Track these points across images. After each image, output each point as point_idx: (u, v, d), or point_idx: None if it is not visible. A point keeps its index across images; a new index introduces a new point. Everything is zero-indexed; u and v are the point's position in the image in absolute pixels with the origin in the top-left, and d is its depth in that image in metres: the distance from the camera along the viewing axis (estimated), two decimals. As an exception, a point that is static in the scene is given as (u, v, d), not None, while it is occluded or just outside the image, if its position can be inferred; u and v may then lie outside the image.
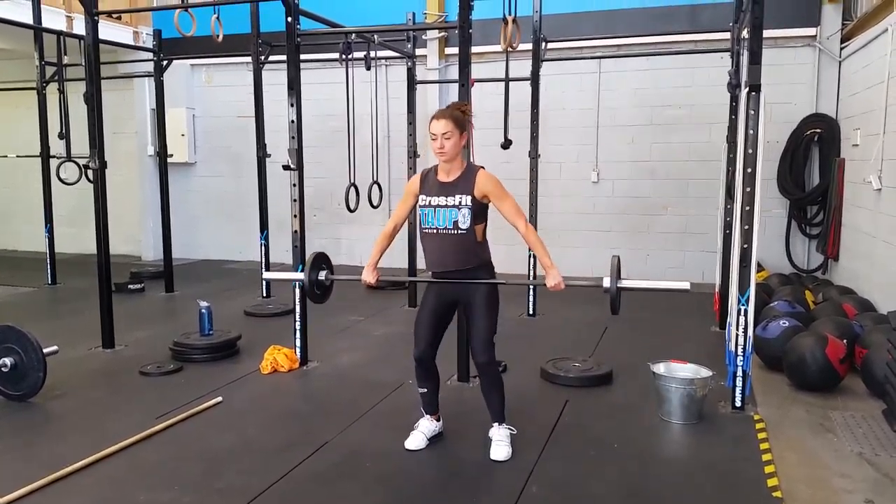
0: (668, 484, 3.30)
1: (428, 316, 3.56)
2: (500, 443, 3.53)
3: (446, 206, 3.38)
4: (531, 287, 6.64)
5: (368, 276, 3.62)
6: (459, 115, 3.43)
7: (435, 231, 3.42)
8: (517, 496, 3.12)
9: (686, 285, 3.44)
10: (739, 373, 4.05)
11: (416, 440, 3.64)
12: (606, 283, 3.39)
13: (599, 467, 3.44)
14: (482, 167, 3.47)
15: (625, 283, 3.40)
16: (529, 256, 6.57)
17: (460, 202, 3.36)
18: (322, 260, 3.83)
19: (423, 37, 8.68)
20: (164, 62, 7.77)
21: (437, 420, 3.75)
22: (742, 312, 4.04)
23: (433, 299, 3.57)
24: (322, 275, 3.80)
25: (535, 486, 3.22)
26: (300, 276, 3.81)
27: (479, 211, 3.41)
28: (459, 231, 3.38)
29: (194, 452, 3.60)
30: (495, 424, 3.60)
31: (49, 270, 8.35)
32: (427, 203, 3.43)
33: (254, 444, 3.72)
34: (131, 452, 3.59)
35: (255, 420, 4.07)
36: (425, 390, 3.66)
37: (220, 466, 3.44)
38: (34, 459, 3.50)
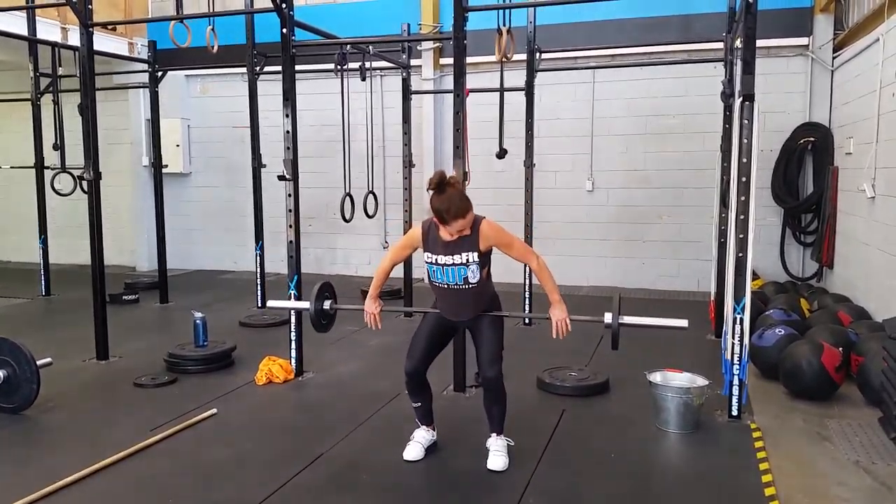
0: (664, 494, 3.29)
1: (427, 335, 3.59)
2: (497, 453, 3.52)
3: (453, 264, 3.37)
4: (527, 297, 6.62)
5: (371, 307, 3.64)
6: (467, 201, 3.27)
7: (446, 286, 3.44)
8: (514, 507, 3.11)
9: (684, 323, 3.51)
10: (736, 381, 4.05)
11: (414, 451, 3.62)
12: (608, 318, 3.44)
13: (596, 477, 3.43)
14: (483, 218, 3.39)
15: (625, 320, 3.44)
16: (525, 266, 6.55)
17: (467, 260, 3.36)
18: (326, 289, 3.89)
19: (418, 47, 8.71)
20: (160, 73, 7.77)
21: (433, 431, 3.74)
22: (738, 321, 4.04)
23: (435, 323, 3.60)
24: (327, 304, 3.86)
25: (533, 498, 3.20)
26: (306, 305, 3.85)
27: (485, 260, 3.43)
28: (470, 285, 3.40)
29: (189, 465, 3.58)
30: (493, 434, 3.60)
31: (43, 281, 8.31)
32: (433, 261, 3.41)
33: (249, 456, 3.69)
34: (125, 465, 3.56)
35: (251, 432, 4.04)
36: (419, 404, 3.67)
37: (214, 479, 3.41)
38: (27, 472, 3.47)
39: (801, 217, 7.92)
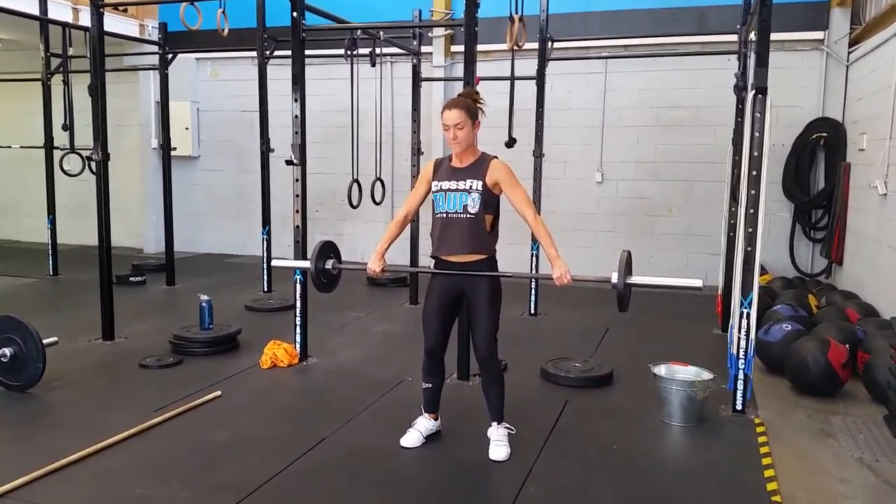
0: (666, 487, 3.28)
1: (435, 308, 3.54)
2: (498, 442, 3.52)
3: (457, 189, 3.38)
4: (533, 287, 6.61)
5: (374, 265, 3.56)
6: (471, 104, 3.42)
7: (444, 215, 3.42)
8: (515, 496, 3.11)
9: (698, 283, 3.36)
10: (741, 376, 4.03)
11: (412, 438, 3.62)
12: (615, 278, 3.28)
13: (598, 469, 3.43)
14: (496, 156, 3.47)
15: (634, 279, 3.29)
16: (532, 256, 6.55)
17: (471, 187, 3.36)
18: (329, 249, 3.79)
19: (429, 34, 8.66)
20: (170, 55, 7.76)
21: (436, 419, 3.74)
22: (744, 315, 4.01)
23: (438, 292, 3.54)
24: (329, 263, 3.74)
25: (533, 487, 3.20)
26: (306, 263, 3.76)
27: (490, 200, 3.40)
28: (469, 215, 3.37)
29: (192, 446, 3.59)
30: (494, 424, 3.59)
31: (51, 262, 8.35)
32: (439, 188, 3.43)
33: (252, 438, 3.71)
34: (129, 445, 3.58)
35: (254, 415, 4.06)
36: (430, 385, 3.65)
37: (217, 461, 3.43)
38: (31, 450, 3.49)
39: (812, 213, 7.86)
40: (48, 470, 3.23)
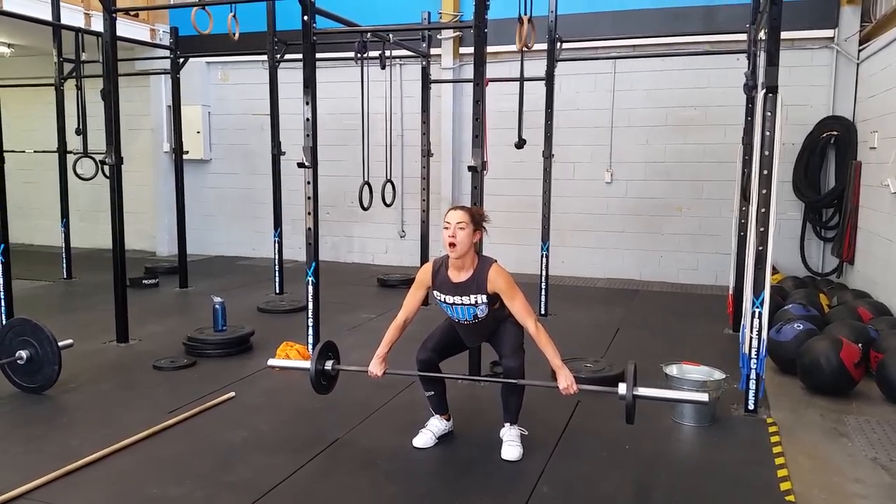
0: (679, 487, 3.28)
1: (446, 332, 3.67)
2: (511, 442, 3.53)
3: (462, 304, 3.46)
4: (543, 287, 6.61)
5: (376, 369, 3.61)
6: (477, 215, 3.48)
7: (457, 321, 3.55)
8: (528, 496, 3.12)
9: (704, 398, 3.34)
10: (753, 375, 4.03)
11: (424, 438, 3.64)
12: (622, 389, 3.24)
13: (610, 468, 3.43)
14: (494, 261, 3.46)
15: (641, 392, 3.26)
16: (542, 256, 6.56)
17: (476, 301, 3.43)
18: (329, 349, 3.77)
19: (438, 36, 8.68)
20: (181, 60, 7.81)
21: (448, 420, 3.76)
22: (756, 315, 4.01)
23: (454, 331, 3.66)
24: (329, 365, 3.71)
25: (546, 487, 3.21)
26: (307, 365, 3.70)
27: (495, 300, 3.46)
28: (480, 320, 3.49)
29: (206, 447, 3.62)
30: (507, 424, 3.61)
31: (64, 265, 8.42)
32: (443, 300, 3.51)
33: (265, 439, 3.74)
34: (144, 446, 3.62)
35: (267, 416, 4.08)
36: (432, 393, 3.69)
37: (231, 461, 3.46)
38: (47, 451, 3.53)
39: (823, 211, 7.83)
40: (64, 471, 3.27)
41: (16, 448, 3.61)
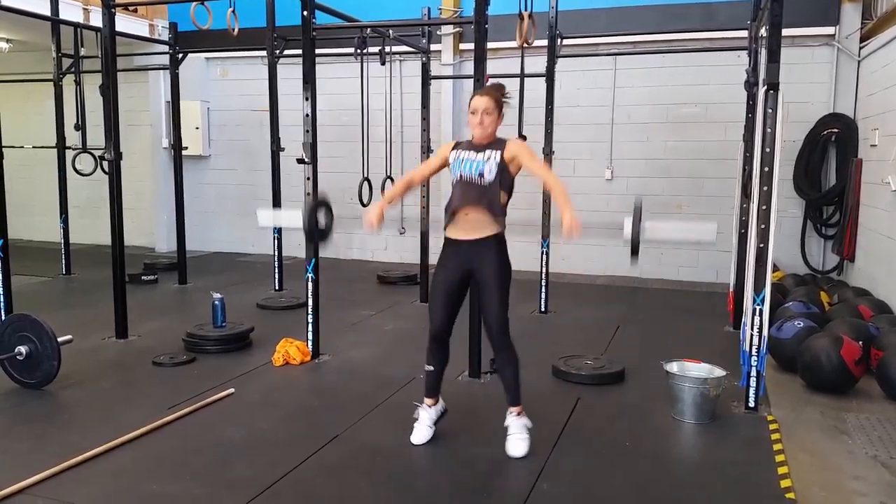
0: (679, 484, 3.28)
1: (441, 293, 3.55)
2: (518, 436, 3.50)
3: (474, 159, 3.45)
4: (543, 284, 6.60)
5: (373, 216, 3.55)
6: (500, 97, 3.51)
7: (459, 177, 3.48)
8: (528, 493, 3.11)
9: (711, 237, 3.38)
10: (753, 373, 4.02)
11: (421, 434, 3.63)
12: (627, 228, 3.27)
13: (611, 466, 3.43)
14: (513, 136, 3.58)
15: (646, 229, 3.26)
16: (542, 253, 6.55)
17: (489, 157, 3.43)
18: (322, 205, 3.80)
19: (438, 32, 8.66)
20: (180, 55, 7.79)
21: (436, 403, 3.71)
22: (757, 312, 4.00)
23: (444, 271, 3.54)
24: (322, 218, 3.73)
25: (546, 484, 3.21)
26: (298, 218, 3.75)
27: (505, 173, 3.43)
28: (483, 181, 3.42)
29: (205, 443, 3.62)
30: (512, 412, 3.56)
31: (63, 261, 8.41)
32: (457, 157, 3.51)
33: (265, 436, 3.73)
34: (143, 442, 3.61)
35: (267, 412, 4.08)
36: (432, 369, 3.64)
37: (230, 458, 3.45)
38: (47, 447, 3.52)
39: (823, 209, 7.82)
40: (63, 467, 3.26)
41: (15, 444, 3.60)
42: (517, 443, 3.48)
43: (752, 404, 4.06)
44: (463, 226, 3.46)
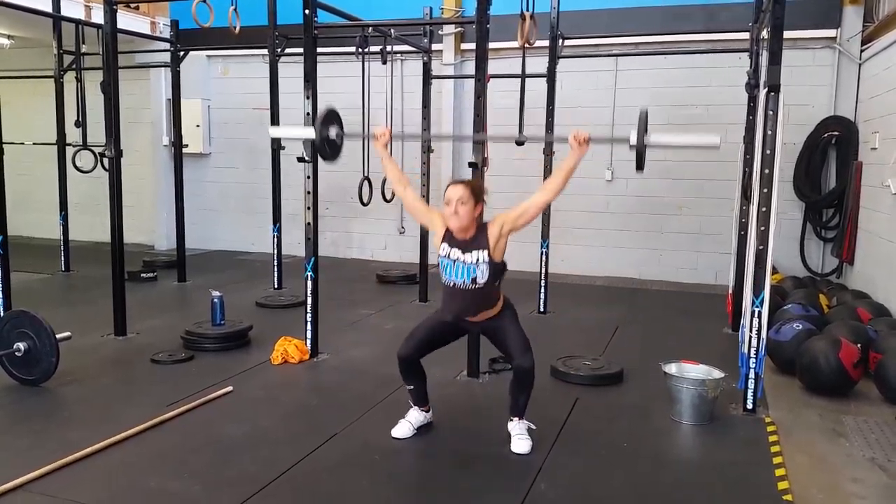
0: (677, 485, 3.28)
1: (429, 328, 3.64)
2: (521, 436, 3.54)
3: (465, 262, 3.41)
4: (543, 285, 6.60)
5: (383, 133, 3.73)
6: (476, 187, 3.46)
7: (453, 285, 3.46)
8: (525, 493, 3.12)
9: (716, 140, 3.44)
10: (752, 375, 4.02)
11: (402, 429, 3.67)
12: (633, 138, 3.32)
13: (608, 467, 3.43)
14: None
15: (651, 138, 3.31)
16: (542, 254, 6.56)
17: (478, 259, 3.39)
18: (333, 116, 3.80)
19: (440, 32, 8.66)
20: (181, 53, 7.79)
21: (427, 412, 3.77)
22: (756, 314, 4.00)
23: (443, 325, 3.62)
24: (332, 131, 3.74)
25: (544, 484, 3.21)
26: (310, 131, 3.77)
27: (496, 268, 3.43)
28: (477, 286, 3.42)
29: (204, 441, 3.62)
30: (515, 419, 3.60)
31: (63, 258, 8.41)
32: (446, 255, 3.45)
33: (264, 433, 3.73)
34: (142, 439, 3.61)
35: (265, 410, 4.08)
36: (412, 387, 3.70)
37: (229, 455, 3.45)
38: (45, 444, 3.52)
39: (823, 212, 7.82)
40: (62, 463, 3.26)
41: (13, 440, 3.60)
42: (521, 442, 3.52)
43: (750, 406, 4.06)
44: (463, 314, 3.54)
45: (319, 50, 5.04)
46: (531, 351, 3.51)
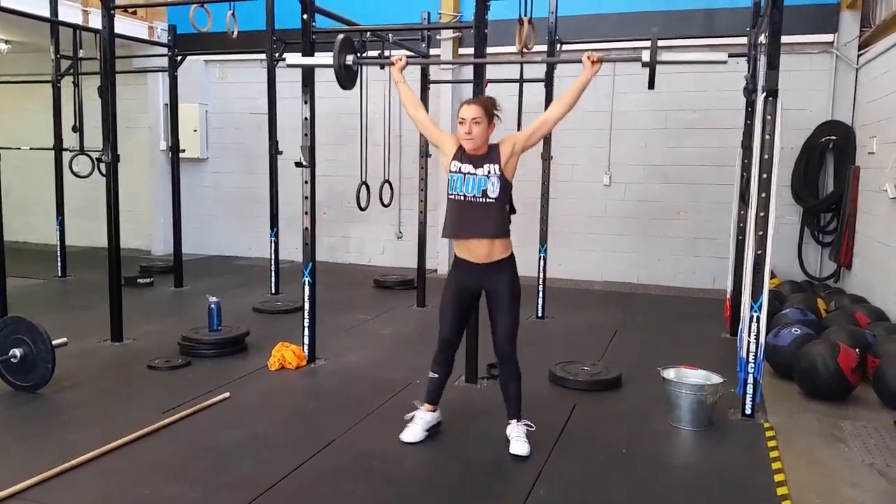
0: (676, 491, 3.27)
1: (453, 307, 3.62)
2: (519, 439, 3.55)
3: (475, 174, 3.43)
4: (541, 290, 6.60)
5: (398, 56, 3.87)
6: (489, 106, 3.49)
7: (463, 198, 3.45)
8: (524, 499, 3.10)
9: (724, 57, 3.61)
10: (750, 380, 4.02)
11: (413, 433, 3.66)
12: (645, 56, 3.53)
13: (607, 472, 3.42)
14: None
15: (663, 56, 3.53)
16: (540, 259, 6.55)
17: (489, 172, 3.42)
18: (350, 44, 3.97)
19: (438, 36, 8.66)
20: (179, 58, 7.78)
21: (434, 411, 3.76)
22: (754, 319, 4.00)
23: (456, 286, 3.61)
24: (349, 59, 3.97)
25: (542, 490, 3.20)
26: (329, 59, 3.99)
27: (507, 187, 3.44)
28: (488, 199, 3.42)
29: (201, 447, 3.60)
30: (513, 421, 3.61)
31: (59, 263, 8.38)
32: (457, 169, 3.47)
33: (261, 440, 3.71)
34: (138, 446, 3.59)
35: (263, 416, 4.06)
36: (437, 376, 3.69)
37: (226, 461, 3.43)
38: (41, 451, 3.50)
39: (821, 216, 7.82)
40: (58, 470, 3.24)
41: (9, 447, 3.58)
42: (520, 444, 3.53)
43: (748, 411, 4.05)
44: (476, 251, 3.49)
45: (317, 55, 5.03)
46: (515, 337, 3.58)
